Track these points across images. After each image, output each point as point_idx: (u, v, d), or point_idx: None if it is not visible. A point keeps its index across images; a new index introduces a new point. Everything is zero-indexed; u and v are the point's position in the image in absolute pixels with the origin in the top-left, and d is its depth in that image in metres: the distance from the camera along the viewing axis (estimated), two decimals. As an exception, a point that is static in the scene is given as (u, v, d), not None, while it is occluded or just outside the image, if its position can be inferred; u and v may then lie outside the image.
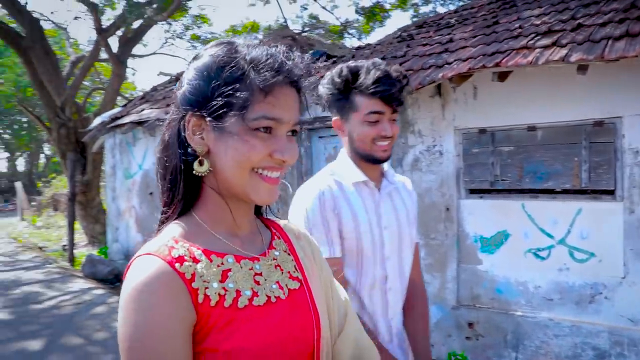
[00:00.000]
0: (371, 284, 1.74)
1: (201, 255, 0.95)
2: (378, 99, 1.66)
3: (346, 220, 1.70)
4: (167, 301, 0.88)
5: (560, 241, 4.04)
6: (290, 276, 1.08)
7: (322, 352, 1.08)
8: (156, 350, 0.86)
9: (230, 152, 0.95)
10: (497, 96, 4.24)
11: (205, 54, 0.98)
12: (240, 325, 0.94)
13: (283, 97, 0.96)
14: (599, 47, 3.12)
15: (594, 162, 3.89)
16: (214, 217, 1.02)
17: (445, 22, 5.46)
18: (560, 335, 4.03)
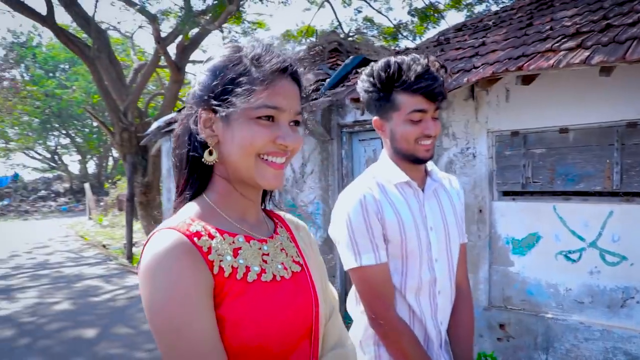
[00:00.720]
0: (417, 287, 1.68)
1: (215, 232, 1.05)
2: (421, 96, 1.59)
3: (390, 224, 1.64)
4: (190, 266, 0.97)
5: (592, 244, 4.00)
6: (293, 260, 1.19)
7: (320, 328, 1.20)
8: (186, 310, 0.95)
9: (236, 140, 1.06)
10: (529, 98, 4.25)
11: (214, 57, 1.10)
12: (250, 297, 1.03)
13: (282, 88, 1.07)
14: (622, 48, 3.11)
15: (626, 163, 3.84)
16: (225, 202, 1.13)
17: (483, 25, 5.47)
18: (591, 339, 3.99)
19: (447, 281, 1.74)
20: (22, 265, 10.60)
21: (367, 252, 1.62)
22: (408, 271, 1.67)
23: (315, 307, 1.18)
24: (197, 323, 0.95)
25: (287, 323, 1.09)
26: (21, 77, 26.60)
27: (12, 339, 5.74)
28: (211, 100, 1.05)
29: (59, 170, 33.74)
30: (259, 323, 1.03)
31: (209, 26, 9.51)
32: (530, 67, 3.40)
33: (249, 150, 1.06)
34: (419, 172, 1.75)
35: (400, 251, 1.65)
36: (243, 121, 1.05)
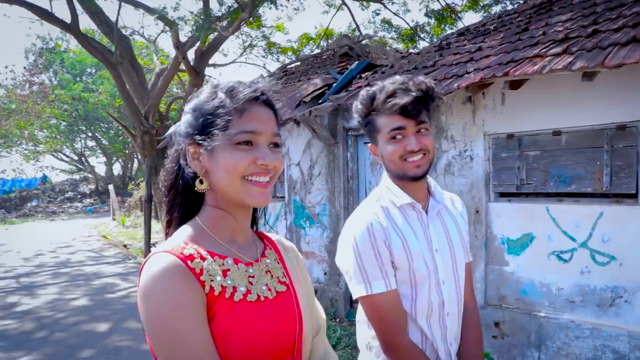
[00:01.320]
0: (428, 311, 1.68)
1: (207, 255, 1.15)
2: (396, 115, 1.61)
3: (397, 250, 1.64)
4: (185, 286, 1.07)
5: (582, 244, 4.09)
6: (279, 281, 1.27)
7: (304, 346, 1.27)
8: (184, 326, 1.04)
9: (221, 167, 1.15)
10: (524, 102, 4.36)
11: (196, 98, 1.22)
12: (236, 315, 1.12)
13: (256, 114, 1.17)
14: (603, 54, 3.21)
15: (615, 165, 3.93)
16: (215, 225, 1.22)
17: (484, 30, 5.58)
18: (581, 337, 4.08)
19: (454, 302, 1.74)
20: (46, 263, 11.05)
21: (377, 279, 1.61)
22: (418, 296, 1.66)
23: (299, 325, 1.26)
24: (195, 334, 1.04)
25: (270, 340, 1.17)
26: (50, 82, 27.36)
27: (31, 331, 6.13)
28: (195, 136, 1.17)
29: (85, 172, 34.54)
30: (244, 339, 1.11)
31: (224, 32, 9.76)
32: (516, 73, 3.52)
33: (233, 174, 1.15)
34: (421, 191, 1.74)
35: (408, 277, 1.65)
36: (225, 149, 1.15)
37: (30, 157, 32.14)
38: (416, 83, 1.64)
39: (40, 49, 26.14)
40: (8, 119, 24.67)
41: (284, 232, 7.12)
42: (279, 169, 1.24)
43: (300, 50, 16.07)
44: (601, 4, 4.41)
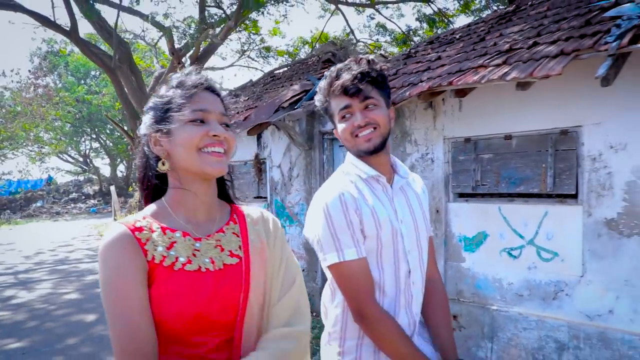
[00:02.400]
0: (395, 278, 1.73)
1: (158, 228, 1.33)
2: (341, 95, 1.71)
3: (367, 219, 1.69)
4: (130, 252, 1.26)
5: (530, 242, 4.37)
6: (231, 253, 1.40)
7: (247, 317, 1.37)
8: (124, 286, 1.23)
9: (179, 143, 1.33)
10: (479, 108, 4.65)
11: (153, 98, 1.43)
12: (174, 282, 1.28)
13: (204, 97, 1.37)
14: (533, 65, 3.49)
15: (558, 168, 4.20)
16: (176, 204, 1.39)
17: (450, 39, 5.86)
18: (528, 328, 4.35)
19: (418, 272, 1.80)
20: (45, 261, 11.46)
21: (349, 247, 1.66)
22: (384, 264, 1.72)
23: (244, 294, 1.36)
24: (131, 292, 1.23)
25: (204, 307, 1.29)
26: (54, 84, 27.82)
27: (23, 321, 6.60)
28: (155, 125, 1.37)
29: (90, 173, 34.98)
30: (177, 303, 1.26)
31: (214, 40, 10.11)
32: (459, 83, 3.81)
33: (190, 147, 1.32)
34: (384, 166, 1.80)
35: (376, 244, 1.70)
36: (180, 128, 1.33)
37: (36, 158, 32.63)
38: (357, 61, 1.74)
39: (45, 52, 26.58)
40: (14, 122, 25.16)
41: (266, 231, 7.42)
42: (232, 143, 1.40)
43: (296, 53, 16.39)
44: (550, 17, 4.69)
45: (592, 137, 3.99)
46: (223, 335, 1.35)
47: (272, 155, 7.24)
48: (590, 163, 4.00)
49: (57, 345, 5.59)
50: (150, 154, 1.40)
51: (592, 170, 3.99)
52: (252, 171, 7.67)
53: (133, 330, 1.21)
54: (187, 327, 1.28)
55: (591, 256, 4.00)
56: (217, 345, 1.34)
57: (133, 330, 1.21)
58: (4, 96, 27.19)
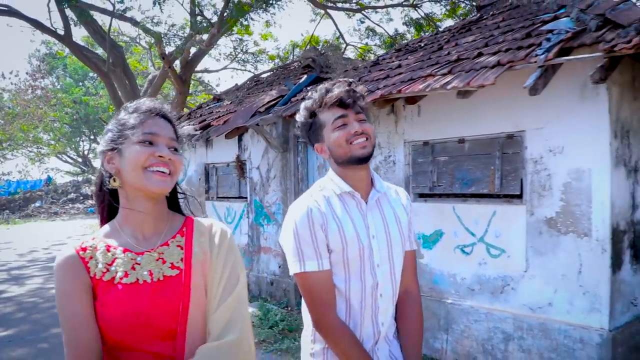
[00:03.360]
0: (361, 291, 1.82)
1: (103, 247, 1.46)
2: (335, 107, 1.80)
3: (332, 234, 1.78)
4: (72, 273, 1.42)
5: (480, 239, 4.66)
6: (172, 266, 1.48)
7: (189, 323, 1.45)
8: (69, 302, 1.39)
9: (127, 162, 1.44)
10: (436, 113, 4.94)
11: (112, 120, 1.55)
12: (113, 294, 1.41)
13: (154, 123, 1.48)
14: (471, 75, 3.78)
15: (505, 170, 4.49)
16: (125, 221, 1.51)
17: (415, 47, 6.15)
18: (479, 320, 4.64)
19: (388, 285, 1.87)
20: (38, 258, 11.83)
21: (311, 259, 1.76)
22: (351, 277, 1.81)
23: (184, 304, 1.44)
24: (74, 309, 1.39)
25: (144, 316, 1.40)
26: (52, 86, 28.17)
27: (12, 312, 7.04)
28: (110, 144, 1.49)
29: (89, 174, 35.27)
30: (118, 313, 1.39)
31: (201, 46, 10.42)
32: (407, 91, 4.10)
33: (136, 165, 1.43)
34: (362, 181, 1.87)
35: (342, 258, 1.79)
36: (130, 147, 1.44)
37: (35, 159, 32.95)
38: (342, 82, 1.86)
39: (44, 54, 26.91)
40: (12, 123, 25.49)
41: (246, 229, 7.73)
42: (178, 166, 1.50)
43: (287, 57, 16.69)
44: (502, 28, 4.97)
45: (534, 141, 4.28)
46: (167, 342, 1.44)
47: (251, 158, 7.54)
48: (532, 165, 4.29)
49: (42, 334, 5.99)
50: (104, 172, 1.51)
51: (534, 172, 4.28)
52: (234, 172, 7.97)
53: (77, 342, 1.37)
54: (129, 335, 1.40)
55: (533, 252, 4.29)
56: (161, 353, 1.43)
57: (77, 342, 1.37)
58: (3, 98, 27.54)
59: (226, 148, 8.08)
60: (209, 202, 8.77)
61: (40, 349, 5.55)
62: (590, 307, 3.95)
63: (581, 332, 3.97)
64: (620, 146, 3.98)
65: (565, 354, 4.06)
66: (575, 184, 4.02)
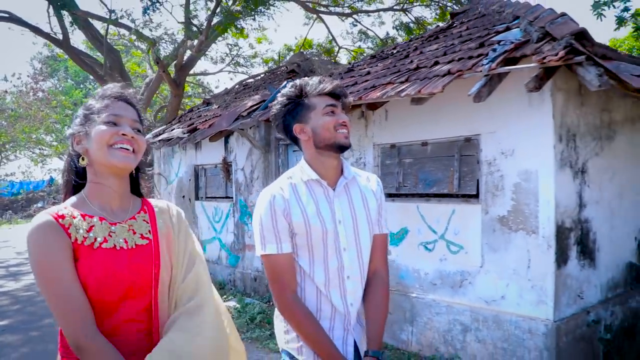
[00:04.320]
0: (324, 273, 1.92)
1: (78, 215, 1.55)
2: (327, 96, 1.93)
3: (296, 219, 1.89)
4: (55, 236, 1.47)
5: (441, 236, 4.94)
6: (142, 236, 1.63)
7: (161, 285, 1.61)
8: (54, 262, 1.44)
9: (93, 140, 1.56)
10: (401, 118, 5.22)
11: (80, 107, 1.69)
12: (94, 258, 1.51)
13: (118, 106, 1.62)
14: (423, 84, 4.06)
15: (463, 171, 4.77)
16: (93, 194, 1.62)
17: (387, 54, 6.44)
18: (440, 313, 4.92)
19: (355, 268, 1.97)
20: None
21: (271, 243, 1.89)
22: (315, 259, 1.92)
23: (156, 269, 1.60)
24: (62, 267, 1.45)
25: (123, 277, 1.53)
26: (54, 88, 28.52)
27: (7, 305, 7.47)
28: (78, 126, 1.63)
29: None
30: (100, 275, 1.50)
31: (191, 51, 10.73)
32: (366, 98, 4.38)
33: (101, 142, 1.56)
34: (333, 169, 1.98)
35: (306, 242, 1.91)
36: (96, 128, 1.57)
37: (38, 160, 33.34)
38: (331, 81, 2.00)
39: (45, 57, 27.28)
40: (15, 125, 25.89)
41: (232, 228, 8.02)
42: (141, 145, 1.64)
43: (282, 60, 16.99)
44: (463, 37, 5.25)
45: (488, 144, 4.56)
46: (141, 303, 1.58)
47: (236, 159, 7.84)
48: (486, 167, 4.57)
49: (34, 324, 6.42)
50: (73, 153, 1.65)
51: (488, 173, 4.56)
52: (221, 173, 8.26)
53: (68, 297, 1.44)
54: (109, 296, 1.51)
55: (488, 249, 4.56)
56: (137, 312, 1.58)
57: (68, 297, 1.44)
58: (6, 100, 27.94)
59: (214, 150, 8.39)
60: (199, 201, 9.07)
61: (31, 336, 5.94)
62: (538, 299, 4.22)
63: (529, 323, 4.25)
64: (566, 149, 4.25)
65: (516, 344, 4.33)
66: (524, 184, 4.30)
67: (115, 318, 1.54)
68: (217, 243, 8.53)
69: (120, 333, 1.55)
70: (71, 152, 1.66)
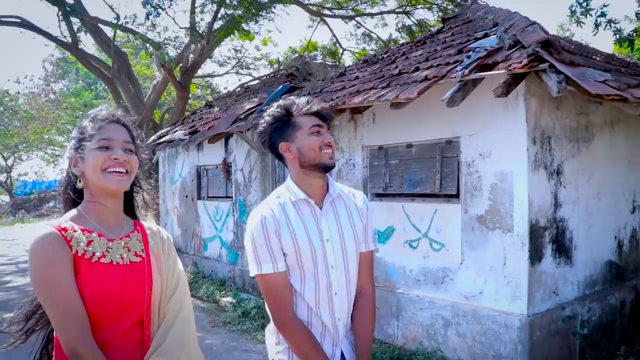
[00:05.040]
0: (315, 290, 1.97)
1: (78, 229, 1.61)
2: (314, 116, 1.97)
3: (286, 240, 1.93)
4: (56, 247, 1.54)
5: (425, 234, 5.15)
6: (136, 254, 1.71)
7: (154, 301, 1.69)
8: (58, 274, 1.51)
9: (88, 165, 1.64)
10: (388, 121, 5.43)
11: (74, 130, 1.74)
12: (92, 271, 1.58)
13: (109, 129, 1.67)
14: (401, 89, 4.28)
15: (444, 172, 4.98)
16: (89, 211, 1.69)
17: (378, 59, 6.65)
18: (424, 308, 5.13)
19: (343, 284, 2.02)
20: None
21: (267, 262, 1.92)
22: (306, 278, 1.97)
23: (149, 286, 1.68)
24: (63, 278, 1.51)
25: (118, 291, 1.60)
26: (66, 90, 29.02)
27: (15, 299, 7.83)
28: (73, 150, 1.69)
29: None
30: (97, 287, 1.57)
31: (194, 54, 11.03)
32: (349, 103, 4.60)
33: (95, 168, 1.63)
34: (318, 188, 2.03)
35: (296, 261, 1.96)
36: (90, 153, 1.64)
37: (50, 160, 33.85)
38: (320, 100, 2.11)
39: (57, 59, 27.76)
40: (27, 126, 26.41)
41: (232, 226, 8.28)
42: (134, 165, 1.70)
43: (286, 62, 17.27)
44: (447, 44, 5.46)
45: (467, 147, 4.76)
46: (134, 317, 1.66)
47: (236, 160, 8.10)
48: (466, 168, 4.77)
49: None
50: (71, 173, 1.73)
51: (468, 174, 4.76)
52: (222, 174, 8.52)
53: (67, 307, 1.50)
54: (104, 308, 1.58)
55: (467, 247, 4.77)
56: (131, 325, 1.65)
57: (67, 306, 1.50)
58: (19, 102, 28.48)
59: (215, 151, 8.65)
60: (201, 201, 9.34)
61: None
62: (513, 295, 4.42)
63: (505, 317, 4.45)
64: (540, 151, 4.44)
65: (493, 338, 4.53)
66: (500, 185, 4.50)
67: (109, 330, 1.61)
68: (218, 241, 8.79)
69: (115, 345, 1.62)
70: (69, 172, 1.75)
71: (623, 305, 5.45)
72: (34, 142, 28.55)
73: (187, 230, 9.85)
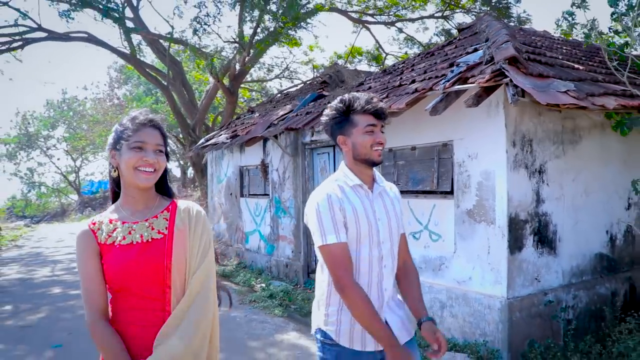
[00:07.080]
0: (369, 262, 2.16)
1: (108, 220, 1.89)
2: (371, 115, 2.13)
3: (349, 215, 2.12)
4: (86, 241, 1.86)
5: (425, 227, 5.80)
6: (159, 232, 1.88)
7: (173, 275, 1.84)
8: (85, 265, 1.83)
9: (123, 162, 1.85)
10: (396, 126, 6.09)
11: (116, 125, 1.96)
12: (114, 253, 1.84)
13: (145, 132, 1.86)
14: (396, 100, 4.96)
15: (441, 171, 5.62)
16: (124, 202, 1.93)
17: (392, 70, 7.31)
18: (424, 292, 5.69)
19: (390, 258, 2.24)
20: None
21: (330, 234, 2.08)
22: (361, 250, 2.16)
23: (167, 259, 1.83)
24: (87, 267, 1.83)
25: (136, 266, 1.81)
26: (129, 95, 30.84)
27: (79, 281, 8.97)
28: (113, 145, 1.90)
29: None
30: (117, 266, 1.81)
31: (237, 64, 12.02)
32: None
33: (129, 165, 1.83)
34: (369, 177, 2.26)
35: (355, 235, 2.14)
36: (126, 151, 1.85)
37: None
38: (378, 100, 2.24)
39: (120, 65, 29.61)
40: (93, 129, 28.45)
41: (269, 221, 9.16)
42: (162, 165, 1.89)
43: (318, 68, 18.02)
44: (448, 56, 6.07)
45: (459, 149, 5.38)
46: (157, 288, 1.84)
47: (272, 161, 8.97)
48: (458, 168, 5.40)
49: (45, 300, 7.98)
50: (110, 167, 1.95)
51: (459, 173, 5.38)
52: (260, 173, 9.41)
53: (89, 290, 1.82)
54: (127, 282, 1.81)
55: (459, 237, 5.39)
56: (153, 296, 1.84)
57: (89, 289, 1.82)
58: (86, 106, 30.66)
59: (254, 153, 9.56)
60: (243, 198, 10.28)
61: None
62: (495, 280, 5.02)
63: (489, 300, 5.05)
64: (520, 153, 5.02)
65: (479, 318, 5.15)
66: (485, 182, 5.11)
67: (132, 298, 1.85)
68: (257, 235, 9.68)
69: (139, 307, 1.85)
70: (110, 162, 1.95)
71: (615, 295, 5.90)
72: (100, 144, 30.58)
73: (232, 225, 10.80)
